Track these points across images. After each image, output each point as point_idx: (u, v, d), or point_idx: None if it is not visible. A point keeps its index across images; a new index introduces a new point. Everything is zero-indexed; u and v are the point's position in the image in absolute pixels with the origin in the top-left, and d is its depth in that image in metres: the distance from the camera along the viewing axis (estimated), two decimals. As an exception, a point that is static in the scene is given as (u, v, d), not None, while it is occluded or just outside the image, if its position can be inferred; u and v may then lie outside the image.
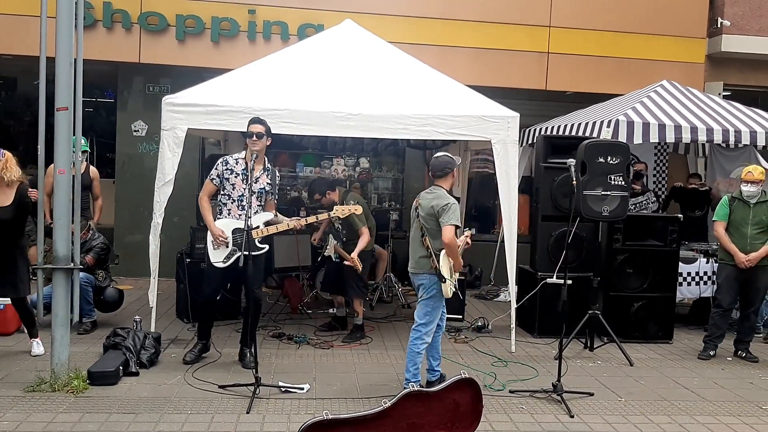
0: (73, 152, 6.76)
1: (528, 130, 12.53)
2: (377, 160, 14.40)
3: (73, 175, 6.81)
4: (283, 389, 6.88)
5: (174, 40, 12.66)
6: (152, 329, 8.24)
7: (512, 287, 8.85)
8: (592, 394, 7.19)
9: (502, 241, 8.95)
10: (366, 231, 8.82)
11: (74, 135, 6.77)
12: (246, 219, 6.91)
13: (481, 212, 14.74)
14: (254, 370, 6.73)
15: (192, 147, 7.75)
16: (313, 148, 13.64)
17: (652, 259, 9.58)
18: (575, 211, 7.71)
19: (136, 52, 12.61)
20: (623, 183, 8.45)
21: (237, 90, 8.56)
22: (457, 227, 6.68)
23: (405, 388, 5.72)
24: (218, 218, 7.52)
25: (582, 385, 7.40)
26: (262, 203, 7.58)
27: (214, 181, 7.55)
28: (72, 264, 6.82)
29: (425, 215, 6.84)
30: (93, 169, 9.90)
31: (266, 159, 7.68)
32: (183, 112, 8.14)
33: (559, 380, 7.00)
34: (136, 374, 7.24)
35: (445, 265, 6.70)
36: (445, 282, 6.67)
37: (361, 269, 8.59)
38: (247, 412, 6.25)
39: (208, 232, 7.47)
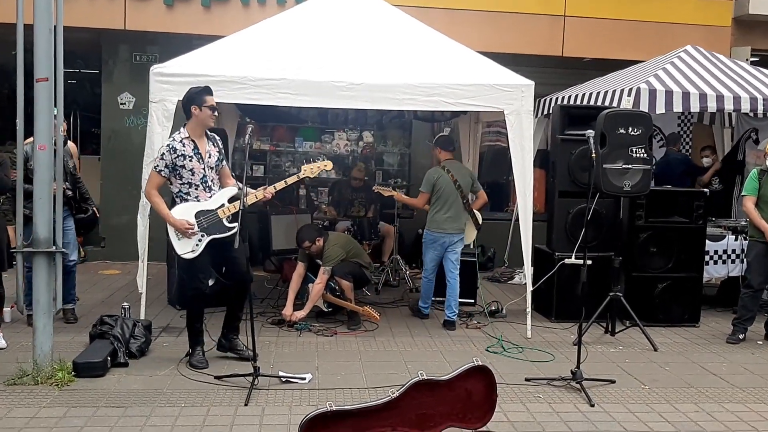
0: (55, 126, 6.73)
1: (543, 99, 12.45)
2: (382, 134, 14.35)
3: (55, 151, 6.78)
4: (284, 379, 6.86)
5: (162, 4, 12.55)
6: (142, 317, 8.23)
7: (528, 269, 8.85)
8: (613, 382, 7.16)
9: (517, 220, 8.94)
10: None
11: (56, 108, 6.73)
12: (242, 196, 6.85)
13: (494, 189, 14.61)
14: (252, 360, 6.70)
15: (182, 120, 7.65)
16: (312, 121, 13.61)
17: (677, 237, 9.53)
18: (594, 186, 7.67)
19: (121, 18, 12.52)
20: (645, 155, 8.39)
21: (230, 58, 8.50)
22: None
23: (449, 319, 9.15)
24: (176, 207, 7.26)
25: (603, 372, 7.39)
26: (218, 176, 7.37)
27: (162, 173, 7.10)
28: (54, 247, 6.79)
29: (467, 184, 9.28)
30: (71, 145, 9.83)
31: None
32: (172, 83, 8.08)
33: (578, 367, 6.97)
34: (125, 365, 7.21)
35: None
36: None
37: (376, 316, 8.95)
38: (245, 404, 6.23)
39: (169, 228, 7.14)
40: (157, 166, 7.14)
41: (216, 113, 7.21)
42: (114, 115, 13.22)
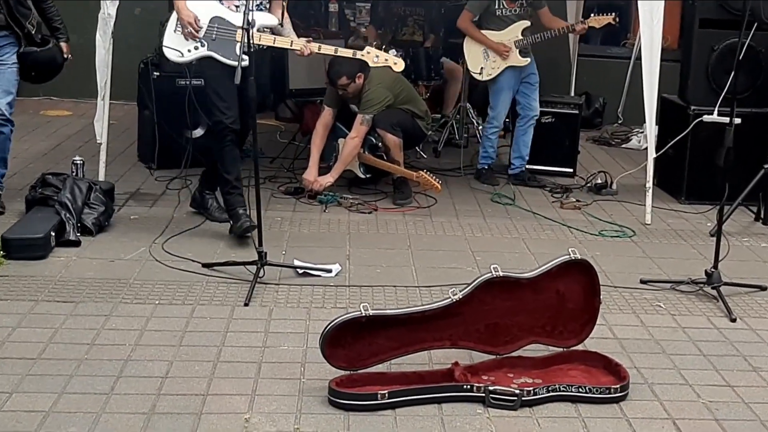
0: None
1: None
2: None
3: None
4: (301, 271, 6.90)
5: None
6: (101, 178, 8.31)
7: (651, 128, 8.81)
8: (764, 289, 7.10)
9: (638, 59, 8.82)
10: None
11: None
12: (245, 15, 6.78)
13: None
14: (257, 242, 6.67)
15: None
16: None
17: None
18: (751, 12, 7.53)
19: None
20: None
21: None
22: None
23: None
24: None
25: (750, 275, 7.34)
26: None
27: None
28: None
29: None
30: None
31: None
32: None
33: (715, 267, 6.90)
34: (77, 244, 7.26)
35: None
36: None
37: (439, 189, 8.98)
38: (246, 304, 6.25)
39: (173, 14, 7.31)
40: None
41: None
42: None
